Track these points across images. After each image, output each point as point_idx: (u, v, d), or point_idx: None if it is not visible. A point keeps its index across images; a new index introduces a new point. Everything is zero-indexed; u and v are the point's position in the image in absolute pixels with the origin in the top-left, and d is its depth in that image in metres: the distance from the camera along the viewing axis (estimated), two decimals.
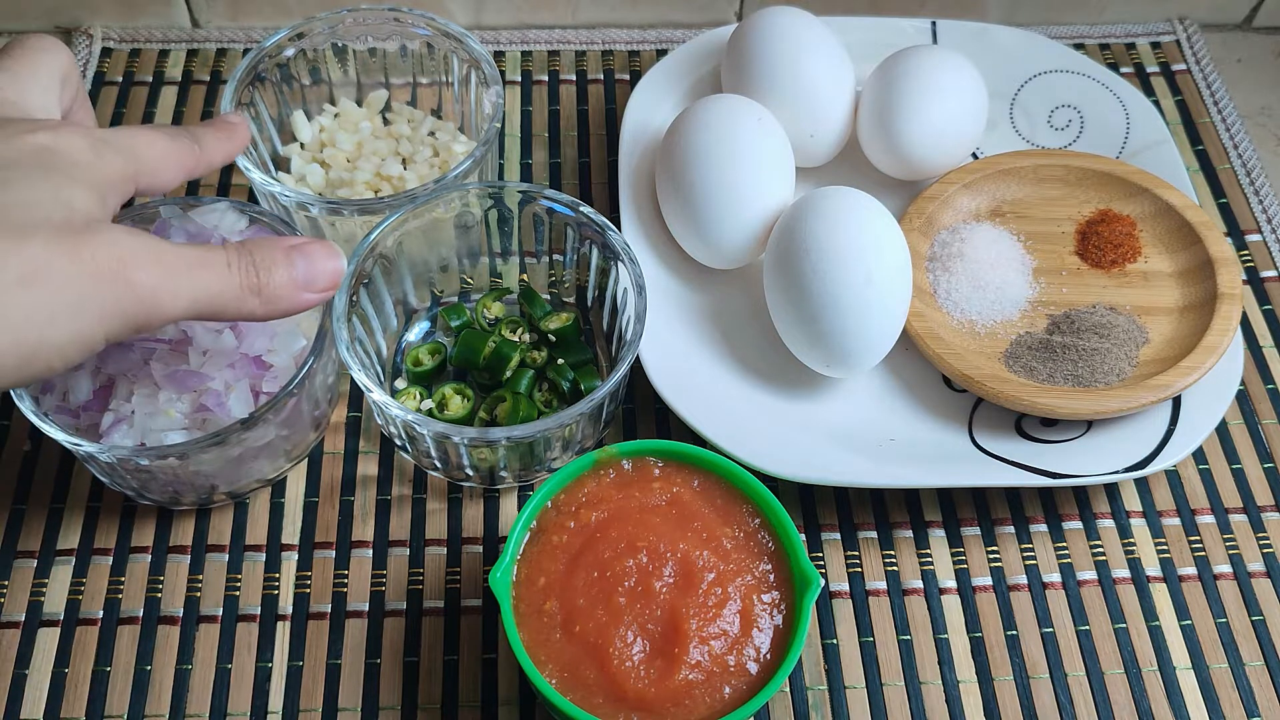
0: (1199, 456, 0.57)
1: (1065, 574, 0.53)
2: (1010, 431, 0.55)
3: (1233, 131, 0.69)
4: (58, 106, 0.44)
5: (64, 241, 0.36)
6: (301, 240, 0.43)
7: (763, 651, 0.44)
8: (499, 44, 0.71)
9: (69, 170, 0.38)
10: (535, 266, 0.59)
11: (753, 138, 0.56)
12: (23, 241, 0.35)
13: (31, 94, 0.42)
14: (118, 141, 0.41)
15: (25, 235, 0.36)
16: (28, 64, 0.43)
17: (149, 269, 0.38)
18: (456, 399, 0.54)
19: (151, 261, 0.38)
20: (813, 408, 0.56)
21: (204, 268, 0.39)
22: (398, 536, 0.53)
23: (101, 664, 0.49)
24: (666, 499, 0.47)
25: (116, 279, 0.37)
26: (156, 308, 0.38)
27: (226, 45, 0.70)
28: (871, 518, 0.54)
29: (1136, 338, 0.56)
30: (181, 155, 0.44)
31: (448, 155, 0.60)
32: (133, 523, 0.53)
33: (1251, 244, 0.64)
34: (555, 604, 0.44)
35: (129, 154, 0.41)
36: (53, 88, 0.43)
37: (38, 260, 0.35)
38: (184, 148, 0.44)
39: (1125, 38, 0.73)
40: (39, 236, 0.36)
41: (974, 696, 0.50)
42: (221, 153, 0.47)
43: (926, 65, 0.59)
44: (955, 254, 0.58)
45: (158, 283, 0.38)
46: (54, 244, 0.36)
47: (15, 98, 0.42)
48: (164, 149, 0.43)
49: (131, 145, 0.41)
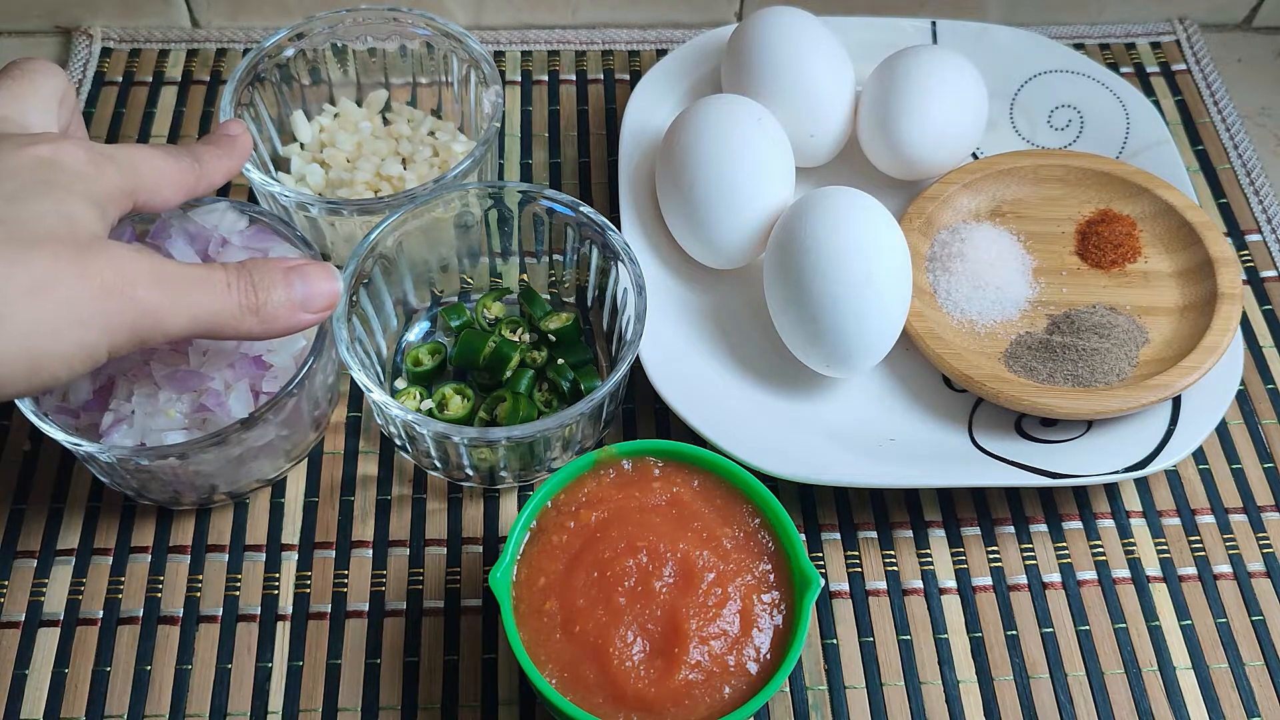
0: (1199, 456, 0.57)
1: (1065, 574, 0.53)
2: (1010, 431, 0.55)
3: (1233, 131, 0.69)
4: (56, 126, 0.44)
5: (70, 255, 0.37)
6: (300, 261, 0.44)
7: (763, 651, 0.44)
8: (499, 44, 0.71)
9: (69, 184, 0.39)
10: (535, 266, 0.59)
11: (753, 138, 0.56)
12: (29, 253, 0.36)
13: (31, 113, 0.43)
14: (117, 156, 0.41)
15: (31, 248, 0.36)
16: (27, 84, 0.43)
17: (151, 287, 0.39)
18: (456, 399, 0.54)
19: (154, 280, 0.39)
20: (813, 408, 0.56)
21: (204, 287, 0.41)
22: (398, 536, 0.53)
23: (101, 664, 0.49)
24: (666, 499, 0.47)
25: (121, 295, 0.38)
26: (158, 324, 0.39)
27: (226, 45, 0.70)
28: (871, 518, 0.54)
29: (1136, 338, 0.56)
30: (182, 174, 0.44)
31: (448, 155, 0.60)
32: (133, 523, 0.53)
33: (1251, 244, 0.64)
34: (555, 604, 0.44)
35: (128, 169, 0.42)
36: (51, 108, 0.44)
37: (44, 273, 0.36)
38: (184, 167, 0.44)
39: (1125, 38, 0.73)
40: (45, 249, 0.37)
41: (974, 696, 0.50)
42: (223, 170, 0.47)
43: (926, 65, 0.59)
44: (955, 254, 0.58)
45: (160, 300, 0.39)
46: (60, 257, 0.37)
47: (16, 115, 0.42)
48: (163, 167, 0.43)
49: (130, 161, 0.42)
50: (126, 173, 0.41)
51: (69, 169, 0.39)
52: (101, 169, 0.40)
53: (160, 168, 0.43)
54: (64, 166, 0.39)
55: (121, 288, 0.38)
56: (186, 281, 0.40)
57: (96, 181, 0.40)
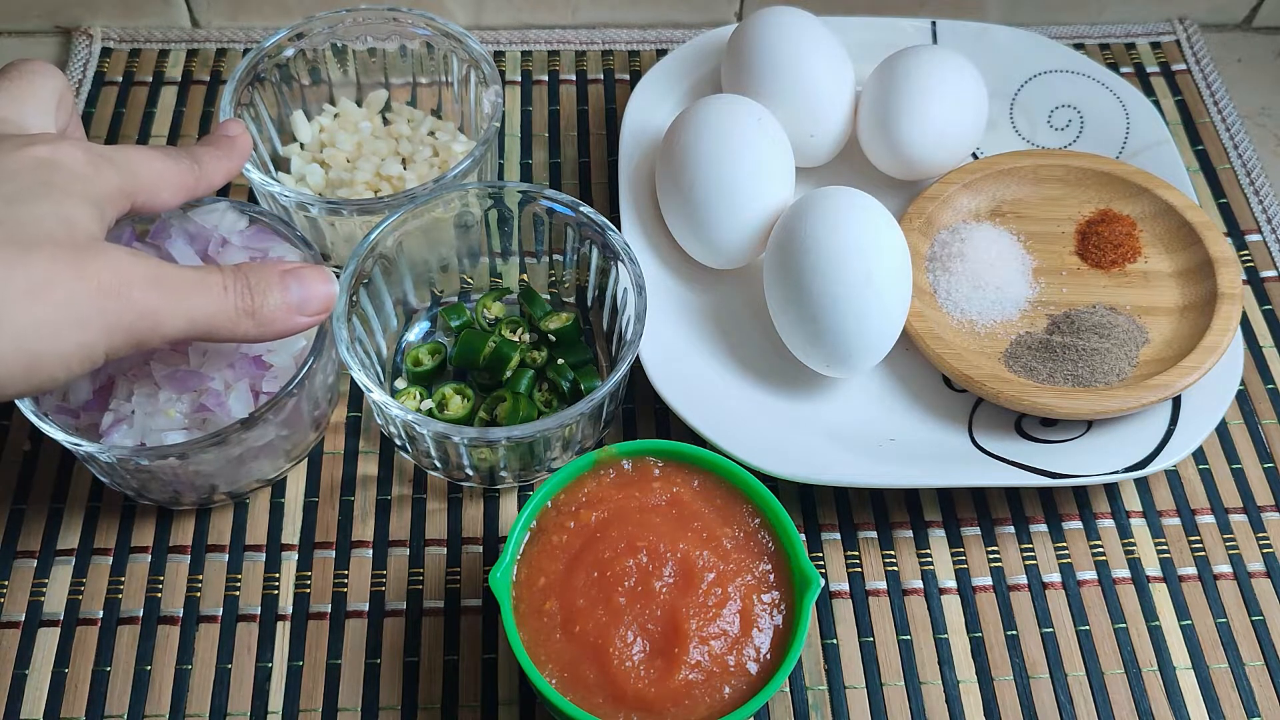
0: (1199, 456, 0.57)
1: (1065, 574, 0.53)
2: (1010, 431, 0.55)
3: (1233, 132, 0.69)
4: (54, 127, 0.44)
5: (69, 257, 0.37)
6: (296, 265, 0.44)
7: (763, 651, 0.44)
8: (499, 44, 0.71)
9: (67, 185, 0.39)
10: (535, 266, 0.59)
11: (753, 138, 0.56)
12: (28, 255, 0.37)
13: (29, 114, 0.43)
14: (115, 158, 0.42)
15: (30, 249, 0.37)
16: (25, 85, 0.44)
17: (149, 289, 0.39)
18: (456, 399, 0.54)
19: (151, 283, 0.39)
20: (813, 408, 0.56)
21: (201, 290, 0.41)
22: (398, 536, 0.53)
23: (101, 664, 0.49)
24: (666, 499, 0.47)
25: (119, 297, 0.38)
26: (156, 327, 0.39)
27: (226, 45, 0.70)
28: (871, 518, 0.54)
29: (1136, 338, 0.56)
30: (180, 175, 0.44)
31: (447, 155, 0.60)
32: (133, 523, 0.53)
33: (1251, 244, 0.64)
34: (555, 604, 0.44)
35: (126, 171, 0.42)
36: (49, 109, 0.44)
37: (44, 274, 0.37)
38: (183, 168, 0.45)
39: (1125, 38, 0.73)
40: (44, 251, 0.37)
41: (974, 696, 0.50)
42: (222, 171, 0.47)
43: (926, 65, 0.59)
44: (955, 254, 0.58)
45: (157, 304, 0.39)
46: (59, 259, 0.37)
47: (14, 116, 0.42)
48: (162, 168, 0.43)
49: (129, 162, 0.42)
50: (125, 174, 0.41)
51: (67, 170, 0.39)
52: (100, 170, 0.41)
53: (159, 169, 0.43)
54: (62, 167, 0.39)
55: (119, 289, 0.38)
56: (184, 284, 0.40)
57: (95, 183, 0.40)
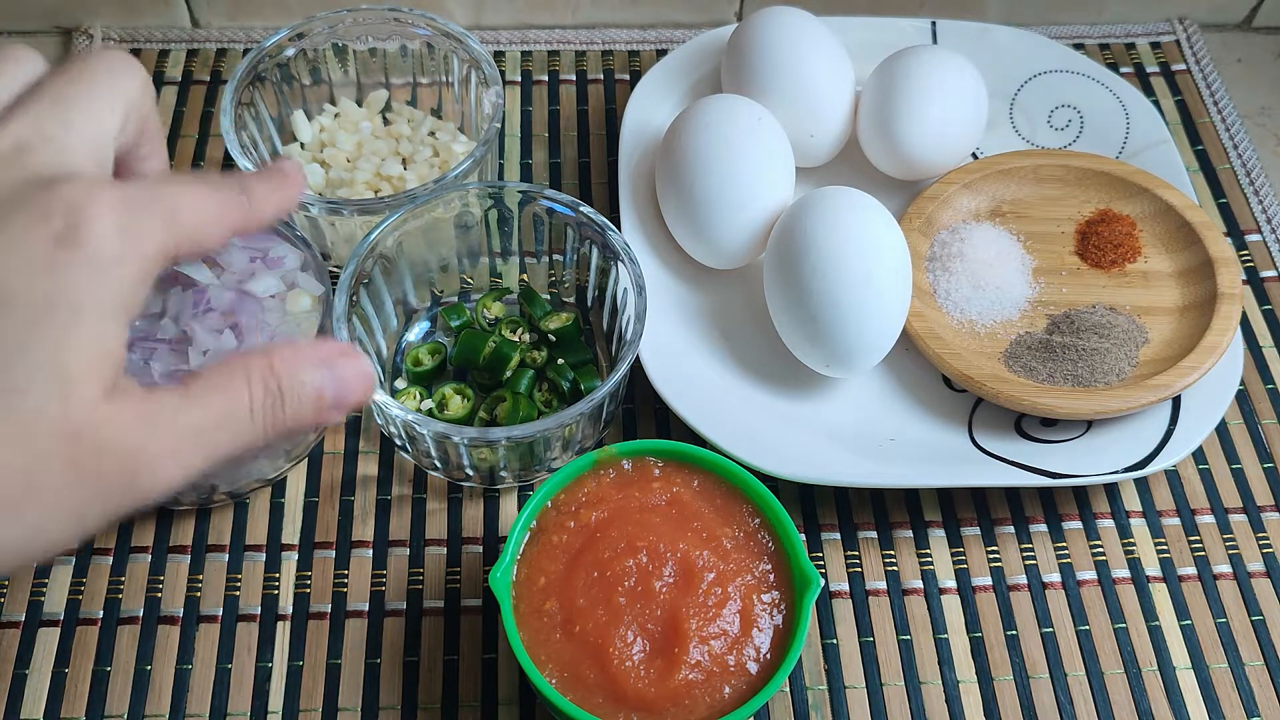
0: (1199, 456, 0.57)
1: (1065, 574, 0.53)
2: (1010, 431, 0.55)
3: (1232, 131, 0.69)
4: (111, 150, 0.35)
5: (60, 448, 0.30)
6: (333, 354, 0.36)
7: (763, 651, 0.44)
8: (499, 44, 0.71)
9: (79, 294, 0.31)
10: (535, 266, 0.59)
11: (753, 138, 0.56)
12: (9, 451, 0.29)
13: (76, 137, 0.33)
14: (155, 204, 0.32)
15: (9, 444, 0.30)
16: (83, 91, 0.34)
17: (163, 463, 0.32)
18: (456, 399, 0.54)
19: (168, 453, 0.32)
20: (813, 408, 0.56)
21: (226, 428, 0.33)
22: (398, 536, 0.53)
23: (101, 664, 0.49)
24: (666, 499, 0.47)
25: (123, 487, 0.31)
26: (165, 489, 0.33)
27: (226, 45, 0.70)
28: (871, 518, 0.54)
29: (1136, 338, 0.56)
30: (224, 210, 0.35)
31: (448, 155, 0.60)
32: (132, 523, 0.53)
33: (1251, 244, 0.64)
34: (555, 604, 0.44)
35: (168, 219, 0.33)
36: (108, 128, 0.34)
37: (27, 476, 0.30)
38: (230, 201, 0.35)
39: (1125, 38, 0.73)
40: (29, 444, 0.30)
41: (974, 696, 0.50)
42: (274, 206, 0.37)
43: (926, 65, 0.59)
44: (955, 254, 0.58)
45: (171, 473, 0.32)
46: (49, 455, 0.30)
47: (59, 134, 0.33)
48: (207, 205, 0.34)
49: (173, 204, 0.33)
50: (167, 226, 0.33)
51: (87, 258, 0.30)
52: (134, 237, 0.32)
53: (203, 207, 0.34)
54: (81, 252, 0.30)
55: (125, 481, 0.31)
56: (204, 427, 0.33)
57: (124, 265, 0.31)
